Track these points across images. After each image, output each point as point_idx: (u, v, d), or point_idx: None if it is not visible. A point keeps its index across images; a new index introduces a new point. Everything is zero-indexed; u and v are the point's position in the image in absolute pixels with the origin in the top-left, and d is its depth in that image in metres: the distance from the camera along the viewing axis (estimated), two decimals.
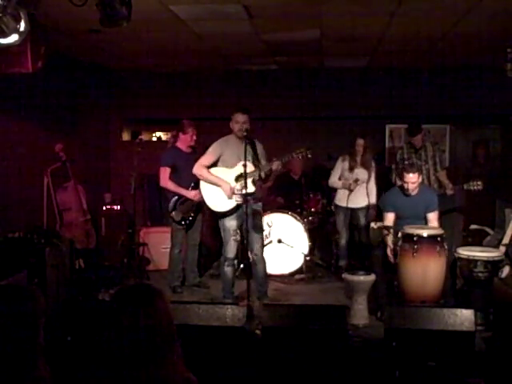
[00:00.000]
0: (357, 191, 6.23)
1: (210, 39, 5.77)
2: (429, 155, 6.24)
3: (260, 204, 5.29)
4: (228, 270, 5.20)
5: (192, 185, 5.70)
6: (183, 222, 5.75)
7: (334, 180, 6.37)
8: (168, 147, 6.00)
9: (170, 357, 1.74)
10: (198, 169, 5.19)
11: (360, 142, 6.23)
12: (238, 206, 5.06)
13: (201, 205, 5.80)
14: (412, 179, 4.98)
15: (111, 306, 1.77)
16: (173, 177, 5.73)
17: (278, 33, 5.51)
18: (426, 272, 4.70)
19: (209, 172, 5.15)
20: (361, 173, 6.27)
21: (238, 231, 5.12)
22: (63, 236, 5.45)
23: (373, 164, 6.34)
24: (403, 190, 5.10)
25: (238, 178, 5.07)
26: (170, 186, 5.71)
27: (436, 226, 5.09)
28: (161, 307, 1.77)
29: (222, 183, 5.10)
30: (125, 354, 1.69)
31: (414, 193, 5.08)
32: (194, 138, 5.76)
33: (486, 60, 6.58)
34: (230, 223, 5.10)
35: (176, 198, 5.71)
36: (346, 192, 6.22)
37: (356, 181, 6.18)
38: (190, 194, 5.69)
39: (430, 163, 6.23)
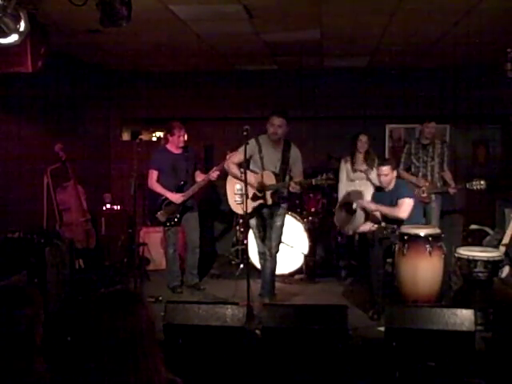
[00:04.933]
0: (363, 190, 6.20)
1: (210, 39, 5.77)
2: (436, 152, 6.22)
3: (283, 205, 5.36)
4: (261, 263, 5.46)
5: (181, 184, 5.72)
6: (168, 224, 5.76)
7: (340, 188, 6.34)
8: (158, 149, 6.02)
9: (152, 361, 1.75)
10: (227, 164, 5.34)
11: (363, 138, 6.16)
12: (258, 207, 5.20)
13: (189, 206, 5.80)
14: (384, 171, 5.16)
15: (90, 312, 1.78)
16: (161, 178, 5.75)
17: (278, 33, 5.51)
18: (416, 272, 4.72)
19: (237, 169, 5.24)
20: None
21: (261, 228, 5.33)
22: (63, 236, 5.45)
23: (376, 161, 6.30)
24: (381, 187, 5.29)
25: (257, 187, 5.14)
26: (156, 187, 5.75)
27: (402, 211, 5.06)
28: (141, 313, 1.78)
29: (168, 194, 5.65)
30: (104, 360, 1.70)
31: (390, 187, 5.23)
32: (182, 139, 5.75)
33: (486, 60, 6.58)
34: (252, 222, 5.29)
35: (162, 198, 5.73)
36: (354, 190, 6.21)
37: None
38: (174, 196, 5.69)
39: (436, 160, 6.20)
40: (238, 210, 5.25)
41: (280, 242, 5.43)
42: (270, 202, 5.16)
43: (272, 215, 5.29)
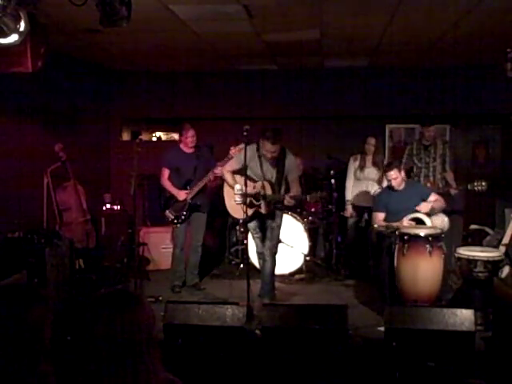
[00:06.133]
0: (370, 191, 6.21)
1: (210, 39, 5.77)
2: (438, 153, 6.21)
3: (280, 205, 5.36)
4: (260, 263, 5.52)
5: (189, 181, 5.75)
6: (176, 221, 5.79)
7: (348, 186, 6.40)
8: (171, 148, 6.10)
9: (150, 361, 1.75)
10: (223, 173, 5.38)
11: (371, 140, 6.22)
12: (252, 215, 5.21)
13: (198, 204, 5.81)
14: (392, 176, 5.24)
15: (88, 313, 1.77)
16: (172, 176, 5.79)
17: (278, 33, 5.51)
18: (416, 271, 4.72)
19: (232, 177, 5.27)
20: (371, 172, 6.24)
21: (259, 229, 5.34)
22: (63, 236, 5.44)
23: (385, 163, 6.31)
24: (391, 188, 5.33)
25: (255, 195, 5.16)
26: (166, 185, 5.82)
27: (441, 203, 5.27)
28: (139, 313, 1.77)
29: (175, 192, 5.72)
30: (103, 361, 1.70)
31: (400, 187, 5.29)
32: (189, 139, 5.79)
33: (486, 60, 6.58)
34: (250, 224, 5.30)
35: (170, 196, 5.76)
36: (362, 190, 6.22)
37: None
38: (180, 194, 5.74)
39: (438, 161, 6.20)
40: (236, 214, 5.31)
41: (278, 242, 5.44)
42: (264, 211, 5.19)
43: (270, 216, 5.29)
